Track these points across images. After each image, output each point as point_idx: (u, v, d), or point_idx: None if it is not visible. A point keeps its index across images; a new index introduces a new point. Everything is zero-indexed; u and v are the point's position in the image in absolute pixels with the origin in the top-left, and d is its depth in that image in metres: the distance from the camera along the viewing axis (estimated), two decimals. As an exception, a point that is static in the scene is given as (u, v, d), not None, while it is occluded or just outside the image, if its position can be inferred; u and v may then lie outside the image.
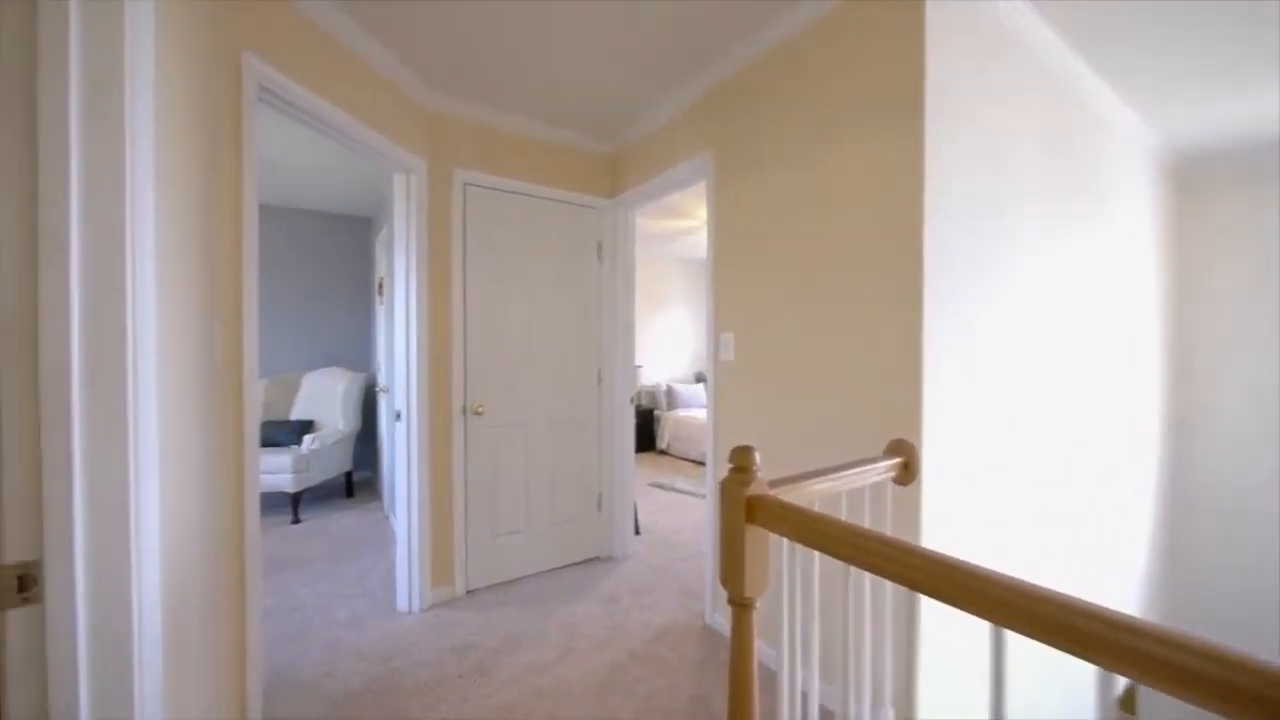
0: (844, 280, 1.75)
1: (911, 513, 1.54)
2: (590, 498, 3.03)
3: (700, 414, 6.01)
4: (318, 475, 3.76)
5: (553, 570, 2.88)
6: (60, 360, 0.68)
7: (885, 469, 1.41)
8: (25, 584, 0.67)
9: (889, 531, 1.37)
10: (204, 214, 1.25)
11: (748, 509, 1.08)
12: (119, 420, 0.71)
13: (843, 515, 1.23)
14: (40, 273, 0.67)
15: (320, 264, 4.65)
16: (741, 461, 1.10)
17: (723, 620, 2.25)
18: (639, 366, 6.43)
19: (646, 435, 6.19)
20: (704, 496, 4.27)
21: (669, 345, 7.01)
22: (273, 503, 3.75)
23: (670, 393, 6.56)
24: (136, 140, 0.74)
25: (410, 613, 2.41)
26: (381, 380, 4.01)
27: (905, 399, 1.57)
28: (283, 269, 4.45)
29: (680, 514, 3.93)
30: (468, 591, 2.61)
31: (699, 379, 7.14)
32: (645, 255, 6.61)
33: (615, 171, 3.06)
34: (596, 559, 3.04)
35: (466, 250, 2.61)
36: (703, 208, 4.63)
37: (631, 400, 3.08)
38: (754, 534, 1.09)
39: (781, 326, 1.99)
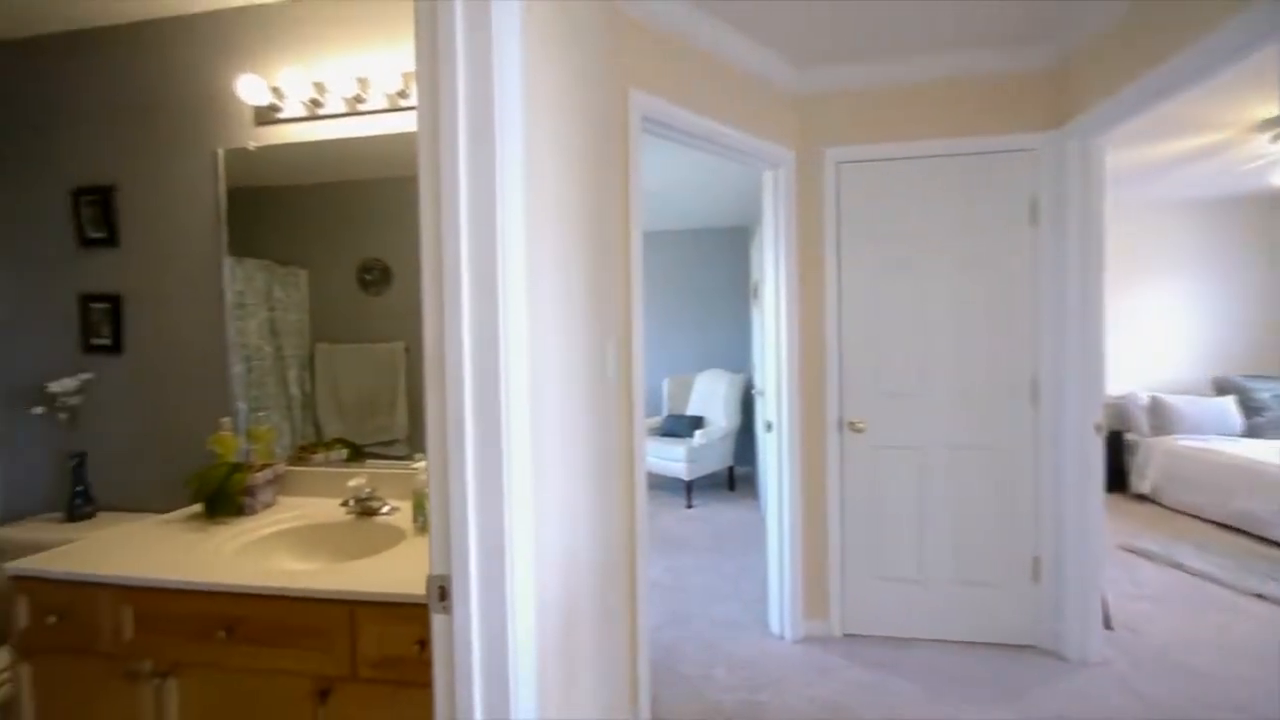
0: None
1: None
2: (1020, 559, 2.17)
3: (1225, 446, 3.71)
4: (705, 467, 4.16)
5: (957, 644, 2.20)
6: (457, 397, 0.74)
7: None
8: (443, 594, 0.76)
9: None
10: (596, 245, 1.37)
11: None
12: (495, 458, 0.74)
13: None
14: (445, 315, 0.74)
15: (707, 275, 5.18)
16: None
17: None
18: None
19: (1111, 470, 4.26)
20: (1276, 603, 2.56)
21: (1152, 338, 4.65)
22: (671, 487, 4.37)
23: (1156, 409, 4.33)
24: (506, 201, 0.76)
25: (781, 638, 2.26)
26: (757, 383, 4.09)
27: None
28: (677, 283, 5.17)
29: (1191, 612, 2.43)
30: (845, 634, 2.27)
31: (1221, 390, 4.46)
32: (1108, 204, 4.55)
33: (1061, 89, 2.08)
34: (1031, 649, 2.15)
35: (841, 239, 2.26)
36: (1232, 109, 2.74)
37: (1097, 427, 2.04)
38: None
39: None
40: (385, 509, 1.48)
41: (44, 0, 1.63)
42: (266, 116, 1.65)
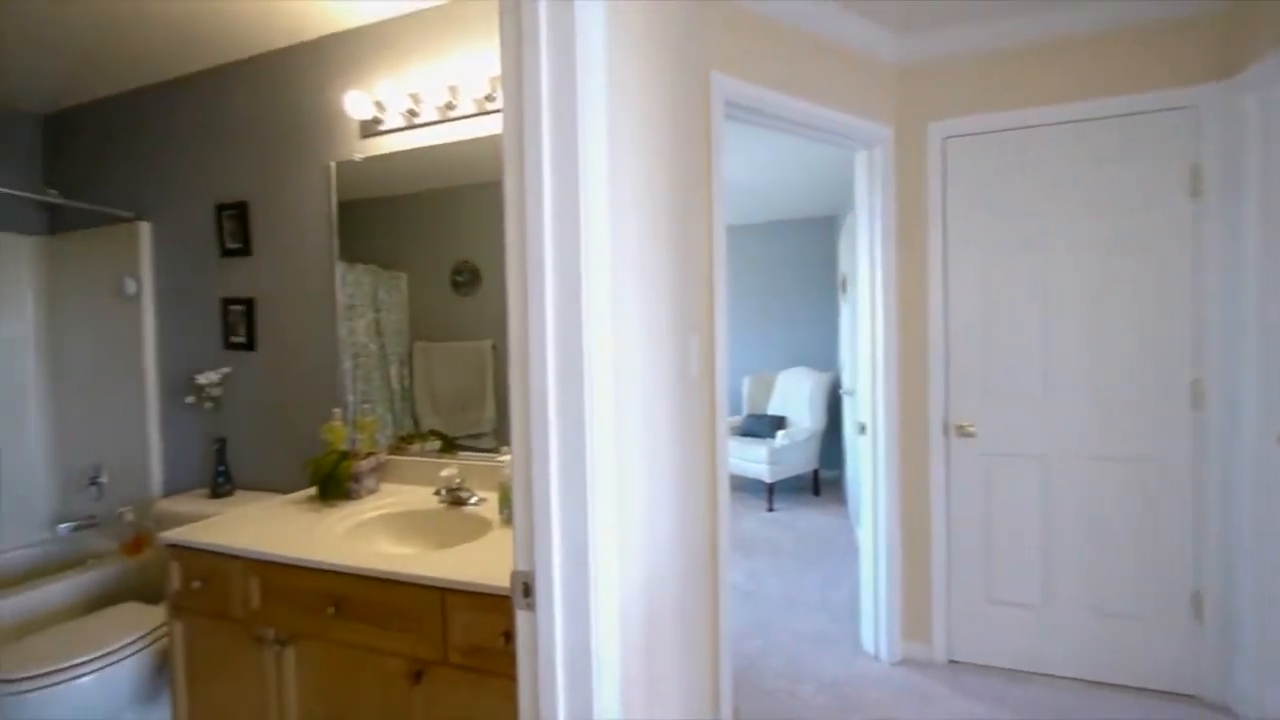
0: None
1: None
2: (1175, 591, 1.85)
3: None
4: (788, 469, 3.98)
5: (1088, 683, 1.91)
6: (540, 394, 0.72)
7: None
8: (527, 591, 0.75)
9: None
10: (678, 240, 1.32)
11: None
12: (579, 456, 0.72)
13: None
14: (529, 312, 0.73)
15: (788, 269, 4.95)
16: None
17: None
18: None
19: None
20: None
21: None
22: (752, 488, 4.23)
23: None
24: (590, 197, 0.74)
25: (876, 658, 2.09)
26: (845, 382, 3.85)
27: None
28: (757, 278, 4.98)
29: None
30: (950, 661, 2.05)
31: None
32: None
33: (1227, 33, 1.72)
34: (1190, 699, 1.82)
35: (947, 222, 2.04)
36: None
37: (1285, 440, 1.67)
38: None
39: None
40: (473, 499, 1.54)
41: (197, 41, 1.86)
42: (370, 129, 1.77)
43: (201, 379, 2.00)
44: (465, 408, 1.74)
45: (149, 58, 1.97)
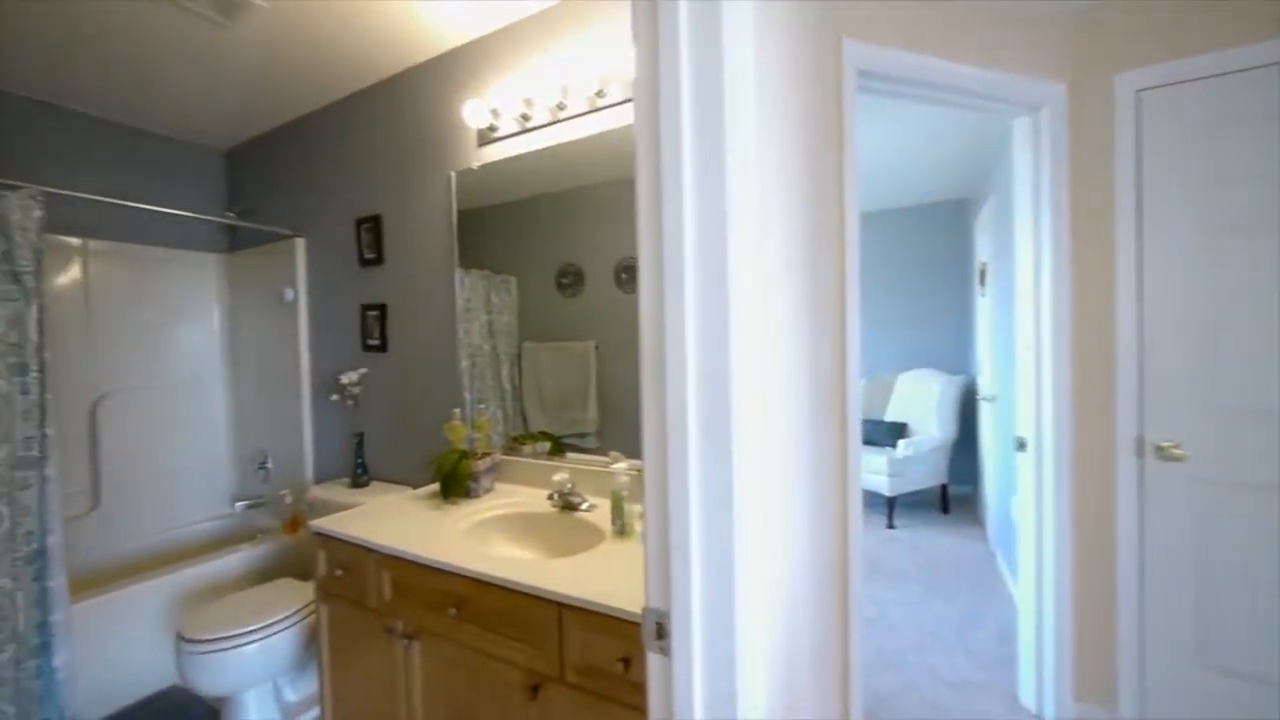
0: None
1: None
2: None
3: None
4: (912, 482, 3.58)
5: (1367, 790, 1.45)
6: (678, 404, 0.63)
7: None
8: (660, 631, 0.67)
9: None
10: (809, 230, 1.17)
11: None
12: (724, 479, 0.62)
13: None
14: (666, 311, 0.64)
15: (911, 259, 4.47)
16: None
17: None
18: None
19: None
20: None
21: None
22: (869, 501, 3.86)
23: None
24: (735, 184, 0.63)
25: (1039, 717, 1.76)
26: (983, 386, 3.38)
27: None
28: (874, 268, 4.55)
29: None
30: (1143, 733, 1.67)
31: None
32: None
33: None
34: None
35: (1141, 194, 1.66)
36: None
37: None
38: None
39: None
40: (585, 505, 1.50)
41: (339, 72, 2.03)
42: (486, 137, 1.81)
43: (344, 378, 2.19)
44: (569, 407, 1.73)
45: (301, 92, 2.19)
